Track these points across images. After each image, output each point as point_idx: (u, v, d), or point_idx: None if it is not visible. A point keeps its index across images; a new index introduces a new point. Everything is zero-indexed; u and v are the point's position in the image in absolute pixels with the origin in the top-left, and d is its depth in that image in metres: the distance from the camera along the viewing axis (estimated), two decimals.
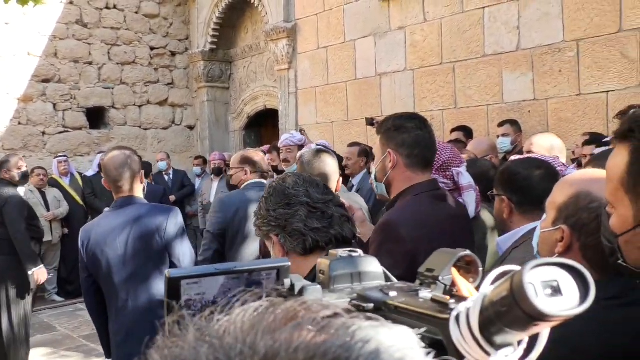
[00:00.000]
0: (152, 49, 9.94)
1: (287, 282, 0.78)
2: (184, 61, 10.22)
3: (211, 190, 8.55)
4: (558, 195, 1.44)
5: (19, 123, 8.74)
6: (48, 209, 7.83)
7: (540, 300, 0.46)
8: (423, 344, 0.45)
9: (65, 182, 8.41)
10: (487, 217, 2.83)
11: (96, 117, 9.52)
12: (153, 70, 9.97)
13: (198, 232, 8.99)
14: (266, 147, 6.97)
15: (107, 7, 9.51)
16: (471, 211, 2.63)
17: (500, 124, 5.22)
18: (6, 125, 8.62)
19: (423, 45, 6.57)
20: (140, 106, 9.84)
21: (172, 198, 8.47)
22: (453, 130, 5.79)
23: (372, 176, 2.38)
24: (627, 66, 4.94)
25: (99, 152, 8.88)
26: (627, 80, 4.94)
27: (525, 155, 2.87)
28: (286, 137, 5.48)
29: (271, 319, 0.40)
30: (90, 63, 9.36)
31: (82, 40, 9.28)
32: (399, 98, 6.82)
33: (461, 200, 2.62)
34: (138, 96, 9.81)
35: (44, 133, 8.97)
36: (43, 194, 7.83)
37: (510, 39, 5.79)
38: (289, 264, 0.80)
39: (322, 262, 0.82)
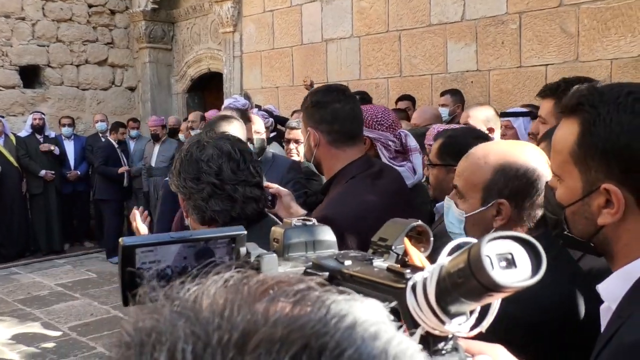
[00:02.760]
0: (90, 6, 9.53)
1: (242, 250, 0.79)
2: (124, 20, 9.86)
3: (152, 154, 8.44)
4: (476, 177, 1.48)
5: None
6: None
7: (496, 272, 0.48)
8: (392, 317, 0.46)
9: None
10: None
11: (30, 75, 9.11)
12: (91, 28, 9.58)
13: (140, 193, 8.87)
14: (213, 111, 6.88)
15: None
16: (419, 173, 2.66)
17: (442, 94, 5.32)
18: None
19: (369, 12, 6.56)
20: (77, 65, 9.46)
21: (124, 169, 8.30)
22: (398, 100, 5.85)
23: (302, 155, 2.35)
24: (566, 40, 5.09)
25: (33, 112, 8.55)
26: (566, 55, 5.10)
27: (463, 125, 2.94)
28: (229, 101, 5.39)
29: (245, 291, 0.40)
30: (23, 19, 8.91)
31: None
32: (345, 65, 6.82)
33: (409, 164, 2.65)
34: (75, 55, 9.42)
35: None
36: None
37: (455, 10, 5.85)
38: (245, 232, 0.80)
39: (276, 230, 0.82)
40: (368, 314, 0.39)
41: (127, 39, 9.95)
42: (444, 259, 0.54)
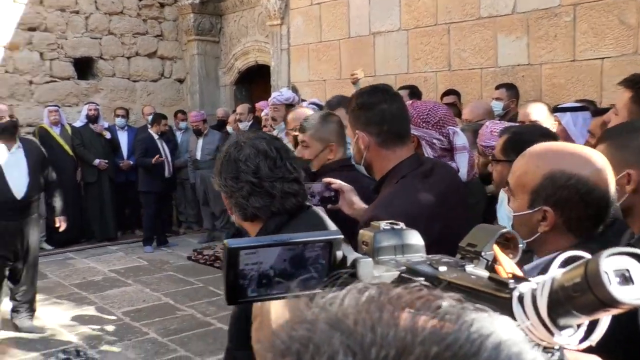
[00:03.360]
0: None
1: (339, 254, 0.82)
2: (173, 13, 10.04)
3: (197, 148, 8.63)
4: (527, 179, 1.46)
5: (6, 71, 8.59)
6: None
7: (614, 288, 0.52)
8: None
9: (55, 132, 8.35)
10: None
11: (84, 67, 9.38)
12: (142, 21, 9.79)
13: (187, 184, 9.07)
14: (263, 102, 6.97)
15: None
16: (462, 174, 2.58)
17: (497, 87, 5.26)
18: None
19: (418, 5, 6.53)
20: (128, 57, 9.69)
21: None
22: (444, 95, 5.82)
23: (352, 159, 2.33)
24: (624, 32, 4.97)
25: (87, 103, 8.80)
26: (624, 47, 4.98)
27: (503, 125, 2.89)
28: (274, 95, 5.46)
29: (389, 306, 0.42)
30: (77, 12, 9.16)
31: None
32: (393, 58, 6.81)
33: (453, 163, 2.61)
34: (127, 47, 9.65)
35: (31, 82, 8.83)
36: None
37: (505, 2, 5.78)
38: (342, 236, 0.83)
39: (365, 233, 0.85)
40: (508, 332, 0.40)
41: (176, 32, 10.13)
42: (555, 271, 0.58)
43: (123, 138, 8.83)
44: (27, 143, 5.40)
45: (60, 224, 5.61)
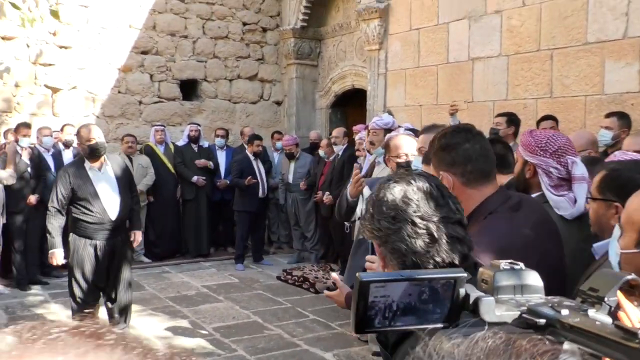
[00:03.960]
0: (244, 24, 10.14)
1: (462, 291, 0.86)
2: (274, 37, 10.37)
3: (289, 171, 8.80)
4: (636, 216, 1.40)
5: (119, 92, 9.19)
6: None
7: None
8: None
9: (160, 150, 8.81)
10: None
11: (189, 89, 9.86)
12: (245, 45, 10.18)
13: (278, 205, 9.25)
14: (360, 126, 7.03)
15: None
16: (580, 205, 2.51)
17: (607, 115, 4.99)
18: (107, 93, 9.08)
19: (520, 31, 6.37)
20: (230, 80, 10.09)
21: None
22: (541, 120, 5.61)
23: None
24: None
25: (190, 123, 9.22)
26: None
27: (632, 156, 2.72)
28: (375, 119, 5.48)
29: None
30: (185, 37, 9.67)
31: (179, 14, 9.59)
32: (492, 84, 6.66)
33: (571, 194, 2.53)
34: (229, 70, 10.06)
35: (140, 102, 9.39)
36: (130, 161, 8.18)
37: (616, 26, 5.51)
38: (466, 274, 0.87)
39: (485, 272, 0.87)
40: None
41: (276, 55, 10.44)
42: None
43: (221, 157, 9.15)
44: (114, 161, 5.27)
45: (135, 238, 5.39)
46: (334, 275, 2.49)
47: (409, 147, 3.62)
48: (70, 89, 8.80)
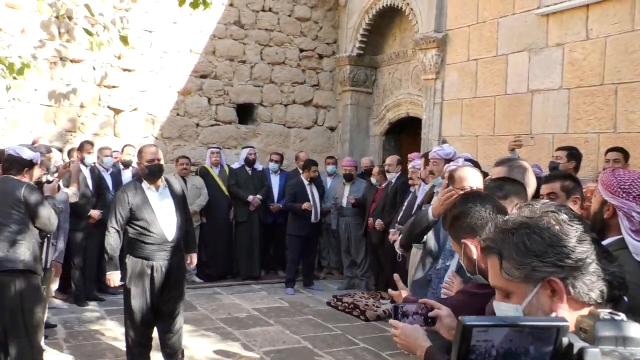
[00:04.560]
0: (301, 50, 10.31)
1: (565, 340, 0.86)
2: (330, 64, 10.49)
3: (343, 194, 8.81)
4: None
5: (177, 114, 9.44)
6: None
7: None
8: None
9: (215, 172, 8.98)
10: None
11: (245, 112, 10.05)
12: (301, 71, 10.33)
13: (330, 230, 9.25)
14: (415, 154, 7.03)
15: (263, 10, 10.00)
16: None
17: None
18: (166, 115, 9.34)
19: (582, 64, 6.28)
20: (286, 105, 10.25)
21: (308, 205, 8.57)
22: (609, 150, 5.48)
23: (466, 273, 2.31)
24: None
25: (245, 147, 9.38)
26: None
27: None
28: (436, 149, 5.48)
29: None
30: (244, 62, 9.89)
31: (238, 40, 9.82)
32: (551, 117, 6.57)
33: None
34: (285, 95, 10.22)
35: (197, 125, 9.61)
36: (185, 182, 8.34)
37: None
38: (568, 323, 0.86)
39: (584, 320, 0.87)
40: None
41: (331, 82, 10.56)
42: None
43: (275, 181, 9.25)
44: (172, 182, 5.22)
45: (192, 260, 5.39)
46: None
47: (474, 180, 3.57)
48: (131, 110, 9.09)
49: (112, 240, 4.92)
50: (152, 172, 4.94)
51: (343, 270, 9.17)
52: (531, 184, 3.43)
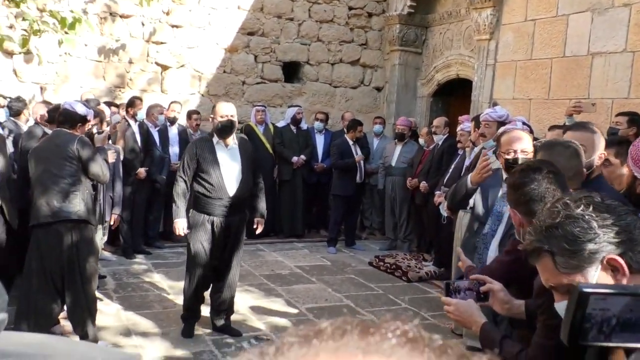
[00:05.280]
0: (350, 8, 10.09)
1: None
2: (379, 23, 10.26)
3: (394, 154, 8.68)
4: None
5: (224, 72, 9.41)
6: None
7: None
8: None
9: (259, 130, 8.97)
10: None
11: (291, 71, 9.96)
12: (349, 29, 10.14)
13: (376, 190, 9.19)
14: (466, 117, 6.86)
15: None
16: None
17: None
18: (213, 72, 9.32)
19: None
20: (333, 64, 10.10)
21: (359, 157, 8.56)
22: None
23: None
24: None
25: (291, 106, 9.33)
26: None
27: None
28: (488, 111, 5.34)
29: None
30: (291, 19, 9.75)
31: None
32: (612, 81, 6.30)
33: None
34: (332, 54, 10.07)
35: (243, 82, 9.58)
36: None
37: None
38: None
39: None
40: None
41: (379, 41, 10.35)
42: None
43: (320, 141, 9.20)
44: (242, 141, 5.25)
45: (258, 225, 5.38)
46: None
47: (520, 144, 3.41)
48: (178, 67, 9.10)
49: (179, 189, 4.99)
50: (223, 128, 4.98)
51: (385, 231, 9.14)
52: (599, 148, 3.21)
